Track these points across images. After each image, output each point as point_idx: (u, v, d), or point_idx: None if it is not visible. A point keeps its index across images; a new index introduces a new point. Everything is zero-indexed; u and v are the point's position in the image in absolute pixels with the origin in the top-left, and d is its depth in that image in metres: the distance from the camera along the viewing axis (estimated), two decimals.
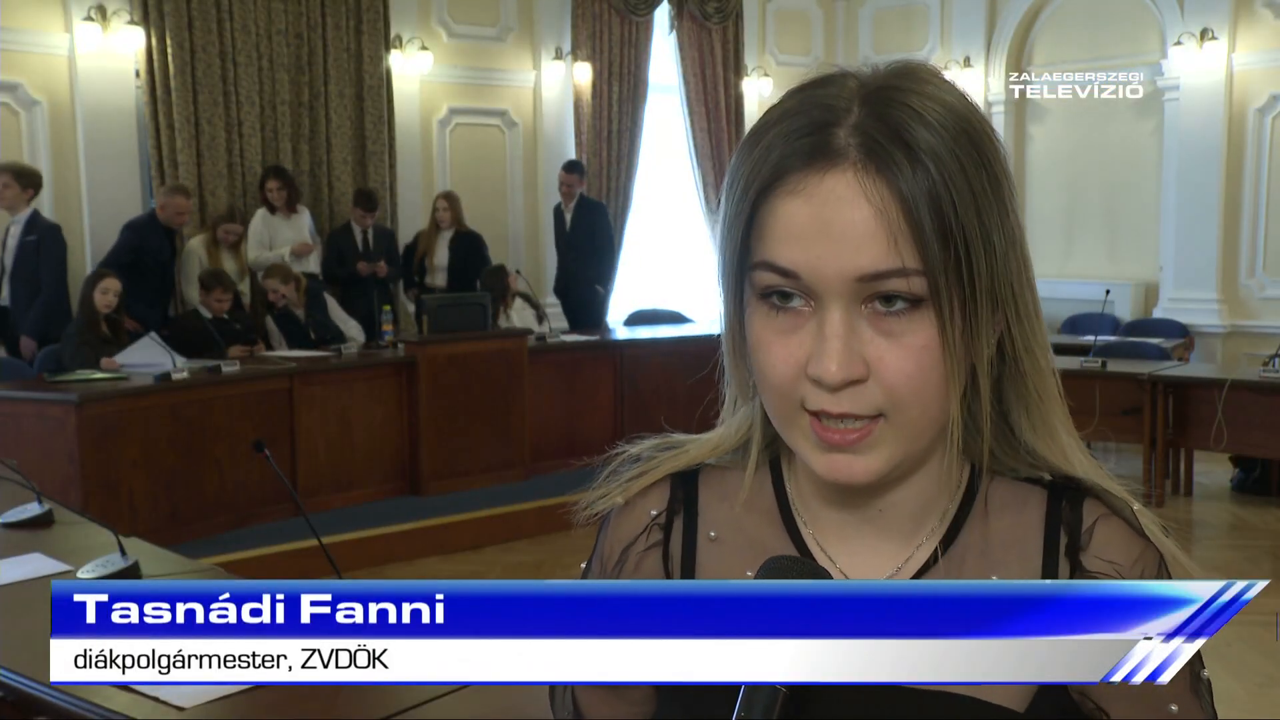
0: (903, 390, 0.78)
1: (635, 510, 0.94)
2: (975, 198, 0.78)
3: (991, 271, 0.79)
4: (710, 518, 0.93)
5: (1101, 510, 0.87)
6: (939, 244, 0.76)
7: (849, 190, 0.76)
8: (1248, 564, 5.54)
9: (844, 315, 0.77)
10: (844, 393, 0.78)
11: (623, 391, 7.14)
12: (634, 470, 0.94)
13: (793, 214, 0.78)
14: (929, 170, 0.76)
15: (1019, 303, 0.82)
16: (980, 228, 0.78)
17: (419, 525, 5.86)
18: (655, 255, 9.40)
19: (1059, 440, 0.87)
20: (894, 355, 0.78)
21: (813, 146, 0.78)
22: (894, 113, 0.77)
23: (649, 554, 0.93)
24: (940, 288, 0.77)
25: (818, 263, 0.77)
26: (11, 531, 3.27)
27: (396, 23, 7.88)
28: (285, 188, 6.99)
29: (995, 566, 0.86)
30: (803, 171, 0.78)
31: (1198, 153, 8.35)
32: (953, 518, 0.88)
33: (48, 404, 5.12)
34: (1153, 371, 6.65)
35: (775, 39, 9.96)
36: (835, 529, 0.89)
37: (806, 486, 0.90)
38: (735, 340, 0.87)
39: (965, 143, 0.78)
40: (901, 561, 0.88)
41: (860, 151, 0.77)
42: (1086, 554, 0.86)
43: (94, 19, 6.66)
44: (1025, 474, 0.88)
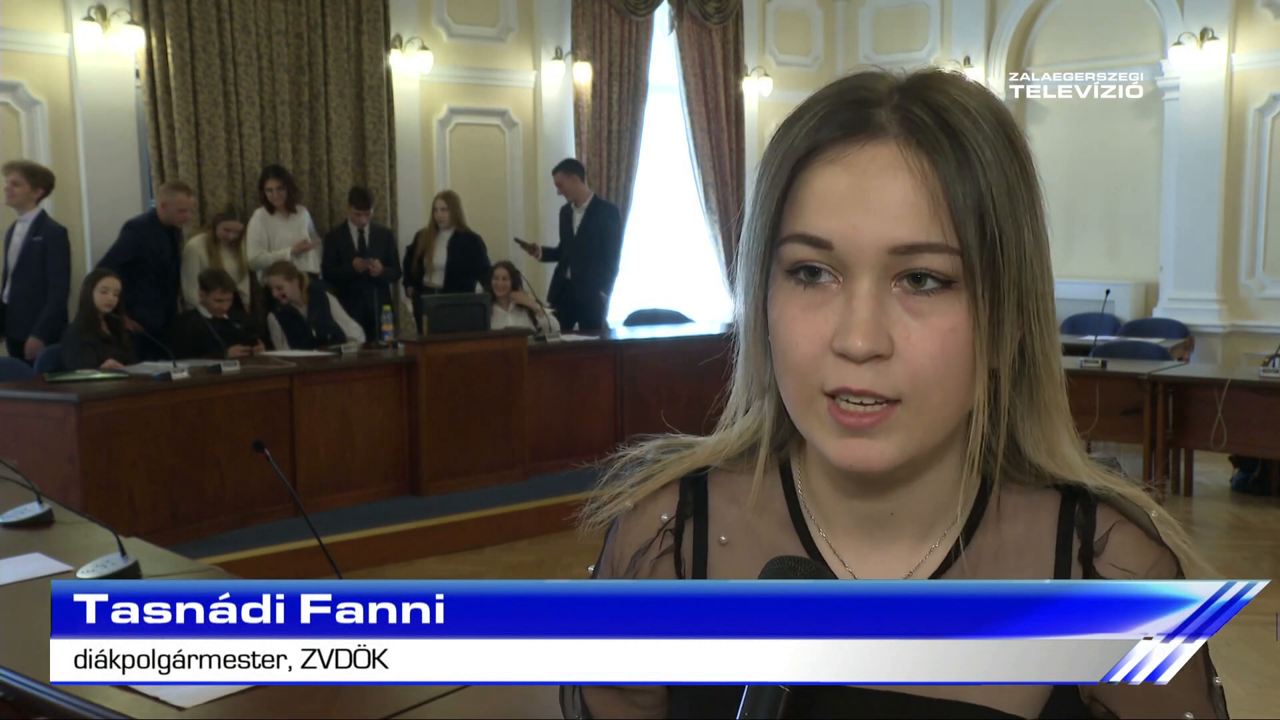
0: (926, 372, 0.77)
1: (645, 515, 0.93)
2: (1010, 190, 0.78)
3: (1020, 266, 0.78)
4: (721, 522, 0.92)
5: (1116, 517, 0.86)
6: (975, 225, 0.76)
7: (891, 160, 0.76)
8: (1248, 564, 5.54)
9: (873, 288, 0.76)
10: (866, 368, 0.77)
11: (623, 391, 7.14)
12: (639, 474, 0.93)
13: (830, 182, 0.77)
14: (969, 154, 0.76)
15: (1041, 305, 0.81)
16: (1013, 216, 0.78)
17: (419, 525, 5.86)
18: (655, 255, 9.40)
19: (1064, 451, 0.86)
20: (920, 335, 0.77)
21: (852, 121, 0.78)
22: (935, 98, 0.78)
23: (662, 560, 0.92)
24: (975, 269, 0.76)
25: (853, 232, 0.76)
26: (11, 531, 3.27)
27: (396, 23, 7.88)
28: (285, 188, 6.98)
29: (1008, 572, 0.86)
30: (842, 143, 0.77)
31: (1198, 153, 8.35)
32: (965, 523, 0.87)
33: (48, 404, 5.12)
34: (1153, 371, 6.65)
35: (775, 39, 9.96)
36: (847, 532, 0.89)
37: (819, 486, 0.89)
38: (757, 329, 0.85)
39: (1002, 138, 0.78)
40: (914, 566, 0.87)
41: (902, 127, 0.77)
42: (1100, 560, 0.85)
43: (94, 19, 6.66)
44: (1034, 483, 0.87)
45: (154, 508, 5.33)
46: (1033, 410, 0.85)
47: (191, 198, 6.60)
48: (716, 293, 9.29)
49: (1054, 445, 0.86)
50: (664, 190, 9.39)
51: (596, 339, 7.44)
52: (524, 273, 7.66)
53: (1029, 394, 0.84)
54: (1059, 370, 0.85)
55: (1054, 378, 0.84)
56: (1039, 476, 0.86)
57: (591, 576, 0.96)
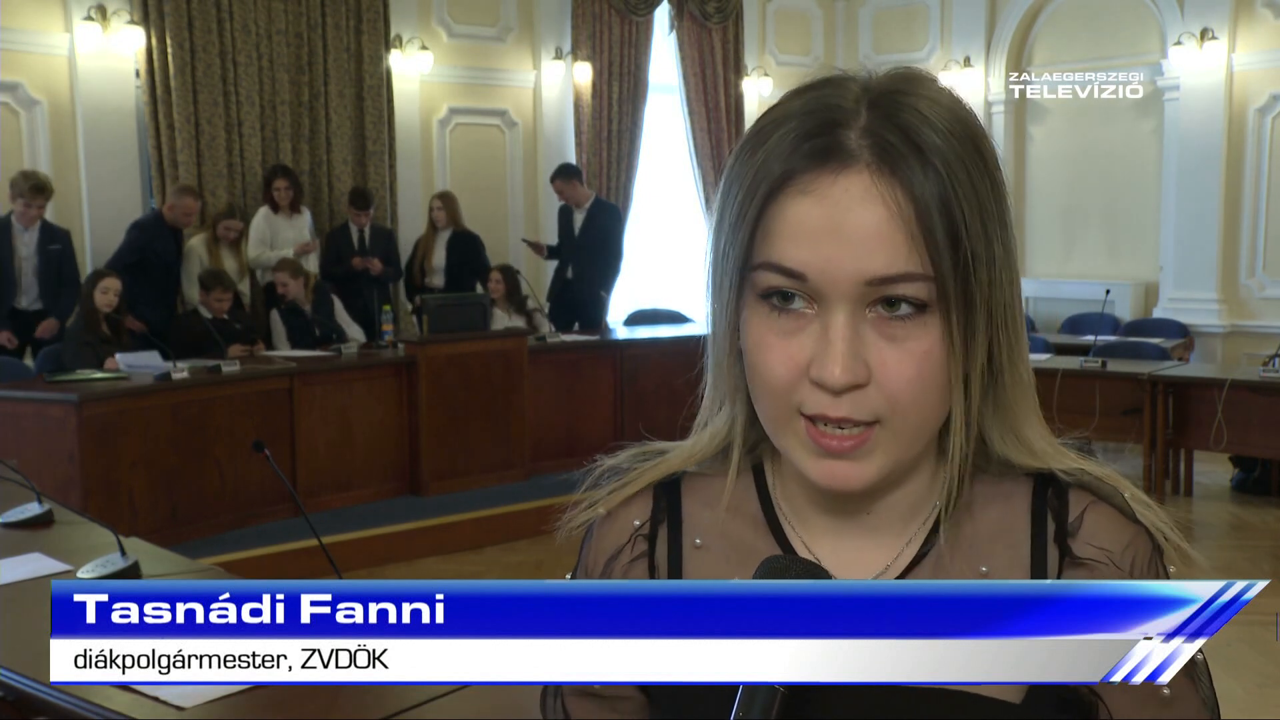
0: (903, 396, 0.78)
1: (618, 521, 0.93)
2: (981, 205, 0.78)
3: (991, 280, 0.79)
4: (695, 525, 0.92)
5: (1090, 499, 0.86)
6: (949, 251, 0.76)
7: (863, 192, 0.76)
8: (1248, 564, 5.54)
9: (849, 319, 0.77)
10: (845, 397, 0.77)
11: (623, 391, 7.14)
12: (615, 482, 0.94)
13: (803, 214, 0.77)
14: (940, 175, 0.76)
15: (1009, 313, 0.82)
16: (985, 235, 0.78)
17: (419, 525, 5.86)
18: (655, 255, 9.40)
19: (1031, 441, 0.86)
20: (896, 360, 0.77)
21: (824, 147, 0.77)
22: (903, 116, 0.77)
23: (634, 565, 0.93)
24: (949, 294, 0.77)
25: (827, 265, 0.76)
26: (11, 531, 3.27)
27: (396, 23, 7.88)
28: (292, 188, 7.00)
29: (984, 558, 0.86)
30: (814, 172, 0.77)
31: (1198, 153, 8.35)
32: (939, 514, 0.87)
33: (48, 404, 5.12)
34: (1153, 371, 6.65)
35: (775, 39, 9.97)
36: (822, 531, 0.89)
37: (795, 491, 0.90)
38: (729, 341, 0.86)
39: (970, 149, 0.78)
40: (890, 560, 0.88)
41: (873, 154, 0.76)
42: (1076, 541, 0.86)
43: (94, 19, 6.66)
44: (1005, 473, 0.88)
45: (154, 508, 5.33)
46: (997, 408, 0.85)
47: (198, 203, 6.60)
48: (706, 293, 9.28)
49: (1021, 437, 0.86)
50: (664, 190, 9.39)
51: (596, 339, 7.44)
52: (525, 273, 7.65)
53: (994, 395, 0.85)
54: (1025, 368, 0.85)
55: (1021, 380, 0.85)
56: (1009, 467, 0.87)
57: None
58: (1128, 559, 0.85)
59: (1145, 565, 0.85)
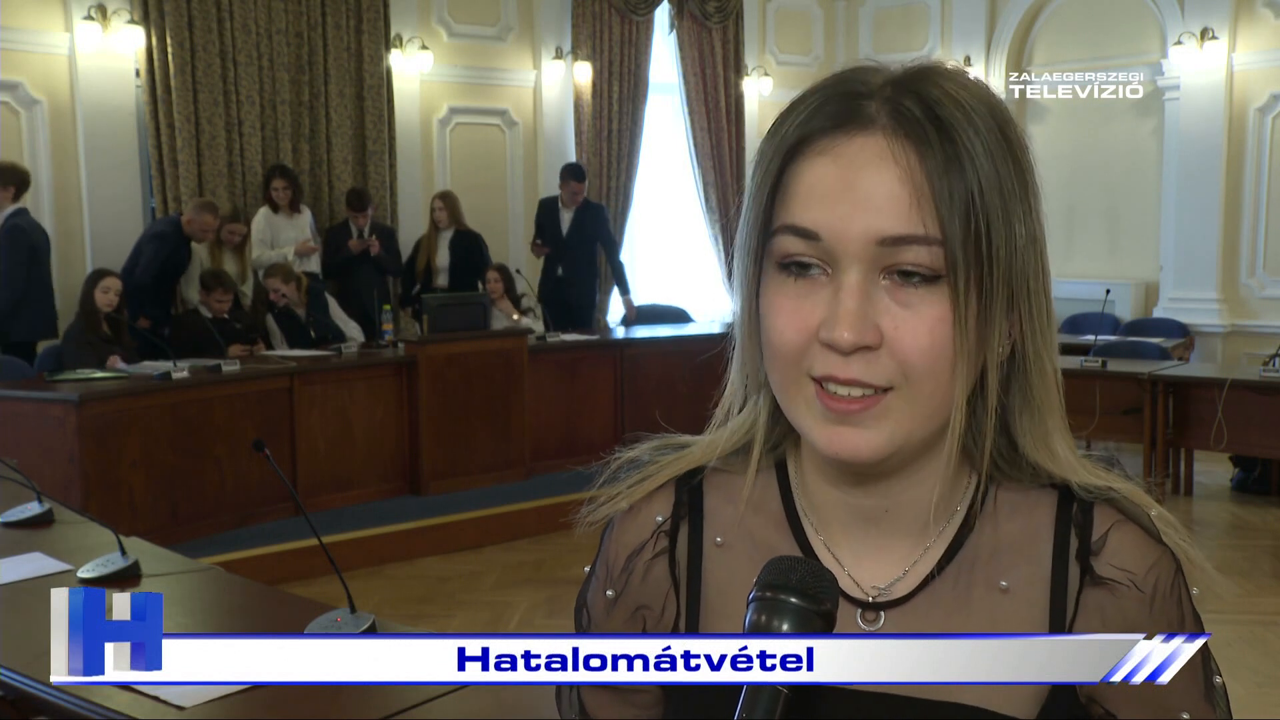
0: (916, 361, 0.77)
1: (640, 516, 0.93)
2: (1000, 183, 0.78)
3: (1009, 259, 0.78)
4: (716, 523, 0.92)
5: (1116, 516, 0.85)
6: (960, 218, 0.76)
7: (877, 152, 0.77)
8: (1248, 564, 5.54)
9: (861, 280, 0.77)
10: (855, 358, 0.77)
11: (623, 391, 7.14)
12: (636, 475, 0.93)
13: (819, 174, 0.78)
14: (958, 146, 0.76)
15: (1034, 302, 0.81)
16: (1003, 212, 0.78)
17: (419, 525, 5.86)
18: (655, 255, 9.39)
19: (1057, 452, 0.85)
20: (909, 325, 0.77)
21: (842, 112, 0.78)
22: (927, 91, 0.78)
23: (656, 562, 0.92)
24: (957, 261, 0.76)
25: (839, 224, 0.76)
26: (11, 531, 3.26)
27: (396, 22, 7.88)
28: (290, 187, 6.99)
29: (1004, 570, 0.85)
30: (831, 134, 0.78)
31: (1198, 152, 8.34)
32: (961, 520, 0.86)
33: (48, 404, 5.12)
34: (1153, 371, 6.65)
35: (775, 39, 9.96)
36: (843, 531, 0.88)
37: (814, 483, 0.89)
38: (750, 323, 0.85)
39: (995, 131, 0.78)
40: (910, 564, 0.87)
41: (891, 119, 0.77)
42: (1099, 560, 0.84)
43: (94, 18, 6.66)
44: (1031, 481, 0.86)
45: (154, 507, 5.33)
46: (1027, 408, 0.84)
47: (218, 220, 6.51)
48: (717, 292, 9.29)
49: (1050, 444, 0.85)
50: (664, 190, 9.39)
51: (596, 339, 7.43)
52: (524, 272, 7.65)
53: (1022, 392, 0.84)
54: (1053, 369, 0.84)
55: (1047, 376, 0.84)
56: (1035, 475, 0.86)
57: (587, 575, 0.95)
58: (1150, 581, 0.83)
59: (1169, 588, 0.83)
